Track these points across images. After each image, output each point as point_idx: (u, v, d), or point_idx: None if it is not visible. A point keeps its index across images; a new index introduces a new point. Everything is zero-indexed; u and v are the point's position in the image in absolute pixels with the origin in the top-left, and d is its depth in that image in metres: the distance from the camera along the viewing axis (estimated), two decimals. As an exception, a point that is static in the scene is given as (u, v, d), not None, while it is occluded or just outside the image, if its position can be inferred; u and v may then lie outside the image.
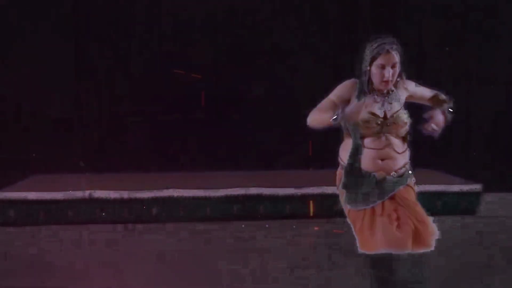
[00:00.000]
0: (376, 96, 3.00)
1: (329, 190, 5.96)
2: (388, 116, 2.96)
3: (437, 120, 3.15)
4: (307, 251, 4.87)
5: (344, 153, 3.02)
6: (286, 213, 5.92)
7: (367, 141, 2.95)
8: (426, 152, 7.26)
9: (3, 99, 6.83)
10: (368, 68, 3.01)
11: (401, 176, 3.01)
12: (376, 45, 3.03)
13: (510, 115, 7.25)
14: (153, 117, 7.06)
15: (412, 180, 3.09)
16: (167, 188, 5.85)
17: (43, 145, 6.67)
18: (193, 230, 5.50)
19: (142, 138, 7.05)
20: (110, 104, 7.06)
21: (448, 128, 7.93)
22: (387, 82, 2.97)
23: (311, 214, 5.92)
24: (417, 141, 7.77)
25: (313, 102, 7.59)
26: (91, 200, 5.71)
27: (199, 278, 4.18)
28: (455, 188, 6.07)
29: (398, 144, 3.01)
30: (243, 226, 5.65)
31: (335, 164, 3.15)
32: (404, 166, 3.03)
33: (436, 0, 7.23)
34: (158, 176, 6.47)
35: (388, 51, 2.97)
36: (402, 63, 3.00)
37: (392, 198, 2.99)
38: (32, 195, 5.70)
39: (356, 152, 2.96)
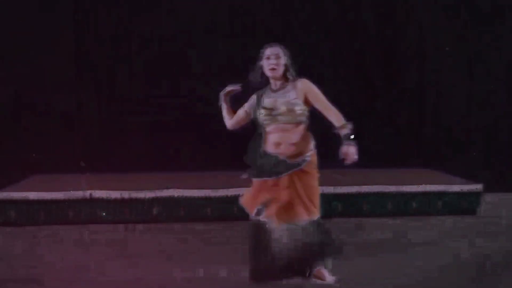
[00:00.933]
0: (270, 93, 3.81)
1: (328, 190, 5.97)
2: (278, 107, 3.71)
3: (349, 153, 3.80)
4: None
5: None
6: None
7: (268, 129, 3.77)
8: (426, 152, 7.29)
9: (3, 99, 6.83)
10: (261, 63, 3.84)
11: (296, 160, 3.72)
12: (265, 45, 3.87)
13: (510, 115, 7.26)
14: (153, 117, 7.06)
15: (310, 165, 3.79)
16: (167, 188, 5.85)
17: (43, 145, 6.67)
18: (193, 230, 5.50)
19: (142, 138, 7.05)
20: (111, 104, 7.06)
21: (449, 128, 7.95)
22: (273, 69, 3.77)
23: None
24: (417, 142, 7.77)
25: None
26: (92, 200, 5.71)
27: (200, 278, 4.18)
28: (456, 188, 6.07)
29: (293, 133, 3.74)
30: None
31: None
32: (301, 153, 3.73)
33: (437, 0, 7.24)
34: (158, 176, 6.47)
35: (271, 45, 3.82)
36: (291, 64, 3.80)
37: (290, 176, 3.71)
38: (32, 195, 5.69)
39: (259, 138, 3.81)
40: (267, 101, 3.79)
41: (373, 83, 7.33)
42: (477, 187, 6.07)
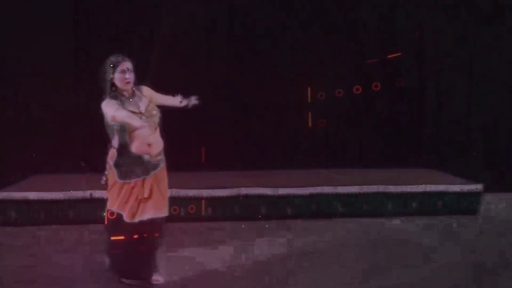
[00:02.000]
0: (126, 99, 3.95)
1: (328, 190, 5.97)
2: (143, 111, 3.95)
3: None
4: (306, 251, 4.87)
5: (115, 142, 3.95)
6: (286, 213, 5.92)
7: (137, 132, 3.86)
8: (427, 152, 7.28)
9: (3, 99, 6.81)
10: (112, 76, 3.93)
11: (158, 159, 4.00)
12: (113, 58, 3.99)
13: (511, 115, 7.25)
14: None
15: (164, 163, 4.09)
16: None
17: (43, 145, 6.67)
18: (194, 229, 5.49)
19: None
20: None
21: (449, 128, 7.91)
22: (129, 82, 3.95)
23: (311, 213, 5.92)
24: (418, 142, 7.73)
25: (313, 102, 7.53)
26: (92, 200, 5.71)
27: (199, 278, 4.18)
28: (456, 188, 6.07)
29: (156, 133, 4.00)
30: (243, 226, 5.66)
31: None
32: (162, 152, 4.05)
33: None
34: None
35: (124, 59, 3.98)
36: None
37: (153, 175, 3.98)
38: (33, 195, 5.70)
39: (125, 142, 3.90)
40: (131, 107, 3.93)
41: (373, 83, 7.33)
42: (477, 187, 6.07)
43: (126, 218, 3.90)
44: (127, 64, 3.97)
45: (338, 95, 7.03)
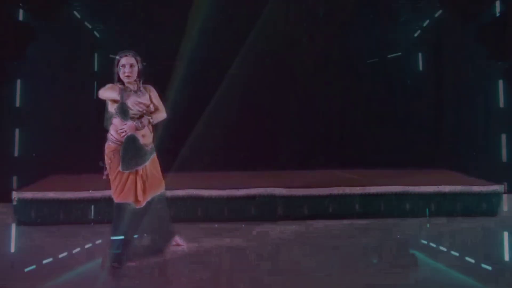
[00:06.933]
0: (133, 92, 4.40)
1: (347, 190, 5.94)
2: (147, 105, 4.40)
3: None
4: (310, 251, 4.85)
5: (114, 132, 4.42)
6: (303, 214, 5.90)
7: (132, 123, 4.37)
8: (446, 153, 7.21)
9: (25, 100, 6.88)
10: (116, 69, 4.41)
11: (151, 149, 4.51)
12: (119, 53, 4.43)
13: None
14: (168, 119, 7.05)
15: (155, 153, 4.58)
16: (187, 188, 5.85)
17: (61, 146, 6.73)
18: (197, 230, 5.50)
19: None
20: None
21: (469, 129, 7.75)
22: (128, 76, 4.38)
23: (320, 214, 5.89)
24: (437, 142, 7.61)
25: (315, 103, 7.47)
26: (111, 200, 5.72)
27: (202, 279, 4.18)
28: (476, 189, 6.00)
29: (148, 126, 4.47)
30: (242, 226, 5.66)
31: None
32: (152, 142, 4.54)
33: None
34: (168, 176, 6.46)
35: (126, 55, 4.40)
36: (142, 71, 4.45)
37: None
38: (52, 195, 5.75)
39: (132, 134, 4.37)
40: (132, 99, 4.34)
41: (391, 84, 7.30)
42: (498, 188, 5.99)
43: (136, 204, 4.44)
44: (127, 60, 4.37)
45: (355, 95, 7.02)
